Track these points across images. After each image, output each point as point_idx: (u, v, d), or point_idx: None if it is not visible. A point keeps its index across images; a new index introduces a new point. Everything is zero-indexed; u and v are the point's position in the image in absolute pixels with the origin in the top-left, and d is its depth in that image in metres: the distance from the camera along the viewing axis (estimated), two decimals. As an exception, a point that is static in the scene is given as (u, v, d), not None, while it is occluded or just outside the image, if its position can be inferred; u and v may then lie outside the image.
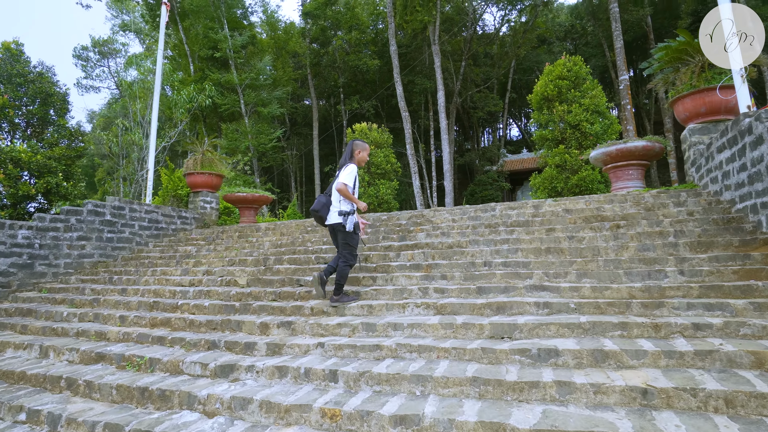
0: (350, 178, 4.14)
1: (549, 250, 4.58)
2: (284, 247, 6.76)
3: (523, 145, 43.63)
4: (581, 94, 10.96)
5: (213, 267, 6.42)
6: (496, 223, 5.81)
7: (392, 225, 6.79)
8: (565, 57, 11.55)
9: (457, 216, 6.54)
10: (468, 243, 5.26)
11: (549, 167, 11.13)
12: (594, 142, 10.66)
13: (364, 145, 4.47)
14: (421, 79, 28.01)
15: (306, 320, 3.90)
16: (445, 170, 20.39)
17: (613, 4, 19.01)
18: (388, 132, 14.10)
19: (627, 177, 6.89)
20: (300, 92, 32.21)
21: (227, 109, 22.79)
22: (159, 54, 9.45)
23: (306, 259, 5.83)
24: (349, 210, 4.09)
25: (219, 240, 8.27)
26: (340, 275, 4.07)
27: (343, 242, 4.11)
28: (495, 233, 5.49)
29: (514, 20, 32.34)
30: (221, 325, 4.22)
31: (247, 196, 10.04)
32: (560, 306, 3.37)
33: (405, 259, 5.20)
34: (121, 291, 6.00)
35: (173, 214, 9.56)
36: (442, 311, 3.68)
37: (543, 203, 6.33)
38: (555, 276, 3.98)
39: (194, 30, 24.18)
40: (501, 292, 3.87)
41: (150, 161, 9.29)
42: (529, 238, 5.01)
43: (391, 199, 13.34)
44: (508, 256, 4.70)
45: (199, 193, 10.40)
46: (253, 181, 21.73)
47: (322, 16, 26.01)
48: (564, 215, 5.72)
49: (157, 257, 7.70)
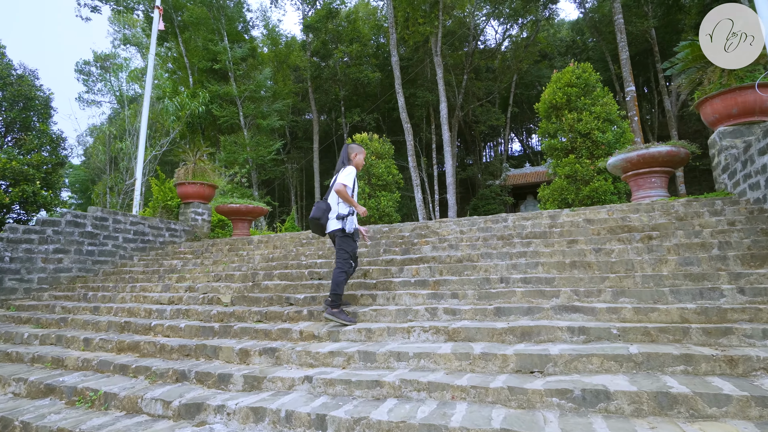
0: (349, 179, 3.83)
1: (574, 265, 3.99)
2: (276, 261, 6.18)
3: (525, 160, 43.33)
4: (591, 101, 10.49)
5: (197, 283, 5.83)
6: (509, 235, 5.23)
7: (394, 237, 6.22)
8: (574, 64, 11.12)
9: (466, 227, 5.97)
10: (480, 256, 4.67)
11: (558, 178, 10.59)
12: (606, 152, 10.14)
13: (359, 148, 4.16)
14: (423, 92, 27.77)
15: (293, 347, 3.30)
16: (448, 183, 19.88)
17: (617, 16, 18.78)
18: (389, 142, 13.62)
19: (649, 185, 6.33)
20: (301, 106, 32.00)
21: (226, 121, 22.44)
22: (150, 58, 9.04)
23: (298, 275, 5.24)
24: (347, 212, 3.78)
25: (207, 253, 7.69)
26: (335, 284, 3.65)
27: (338, 247, 3.77)
28: (509, 245, 4.90)
29: (515, 35, 32.31)
30: (195, 351, 3.62)
31: (240, 207, 9.49)
32: (599, 332, 2.77)
33: (409, 275, 4.61)
34: (94, 309, 5.40)
35: (161, 226, 9.00)
36: (454, 337, 3.08)
37: (560, 213, 5.77)
38: (586, 295, 3.39)
39: (194, 42, 24.03)
40: (524, 313, 3.27)
41: (138, 170, 8.78)
42: (549, 251, 4.42)
43: (392, 211, 12.79)
44: (528, 272, 4.11)
45: (190, 204, 9.85)
46: (252, 193, 21.22)
47: (323, 30, 25.88)
48: (585, 226, 5.15)
49: (139, 272, 7.11)
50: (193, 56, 25.00)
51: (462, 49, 29.61)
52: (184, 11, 24.30)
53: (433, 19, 20.83)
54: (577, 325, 2.85)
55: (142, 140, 8.86)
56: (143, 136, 8.87)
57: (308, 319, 3.96)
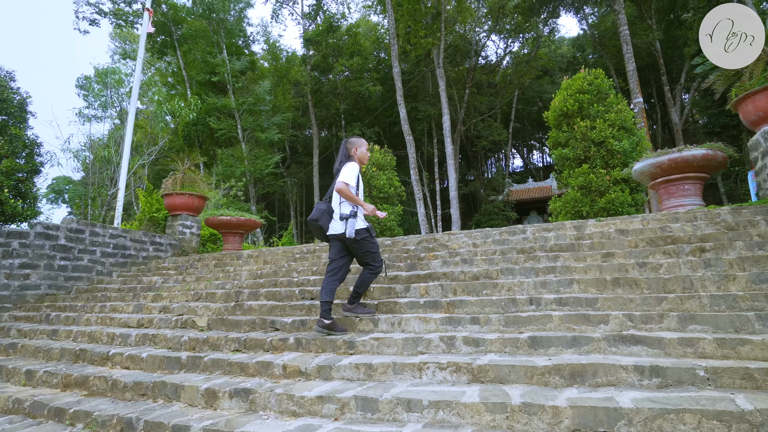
0: (352, 176, 3.40)
1: (617, 282, 3.29)
2: (264, 278, 5.47)
3: (528, 176, 42.87)
4: (605, 108, 9.91)
5: (173, 302, 5.12)
6: (531, 248, 4.54)
7: (398, 251, 5.53)
8: (585, 70, 10.59)
9: (479, 240, 5.29)
10: (499, 273, 3.97)
11: (571, 189, 9.94)
12: (622, 161, 9.53)
13: (360, 141, 3.69)
14: (425, 105, 27.42)
15: (273, 387, 2.59)
16: (452, 197, 19.26)
17: (623, 27, 18.46)
18: (391, 153, 13.05)
19: (682, 193, 5.67)
20: (301, 121, 31.65)
21: (224, 134, 21.97)
22: (139, 60, 8.52)
23: (288, 294, 4.53)
24: (349, 213, 3.34)
25: (192, 269, 6.99)
26: (362, 282, 3.46)
27: (364, 252, 3.41)
28: (533, 260, 4.21)
29: (516, 51, 32.18)
30: (153, 390, 2.90)
31: (231, 219, 8.82)
32: (679, 373, 2.06)
33: (417, 294, 3.91)
34: (52, 333, 4.68)
35: (145, 240, 8.32)
36: (481, 377, 2.37)
37: (585, 224, 5.09)
38: (644, 320, 2.69)
39: (192, 55, 23.76)
40: (568, 345, 2.57)
41: (121, 179, 8.15)
42: (582, 267, 3.73)
43: (395, 225, 12.12)
44: (561, 291, 3.41)
45: (178, 216, 9.19)
46: (249, 208, 20.58)
47: (324, 44, 25.65)
48: (619, 237, 4.46)
49: (115, 289, 6.40)
50: (192, 69, 24.72)
51: (463, 64, 29.40)
52: (183, 26, 24.12)
53: (435, 30, 20.54)
54: (646, 363, 2.14)
55: (126, 147, 8.25)
56: (128, 142, 8.27)
57: (295, 348, 3.24)
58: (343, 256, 3.44)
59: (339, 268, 3.41)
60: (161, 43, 26.39)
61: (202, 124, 22.23)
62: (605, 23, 27.49)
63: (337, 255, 3.44)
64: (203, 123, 22.06)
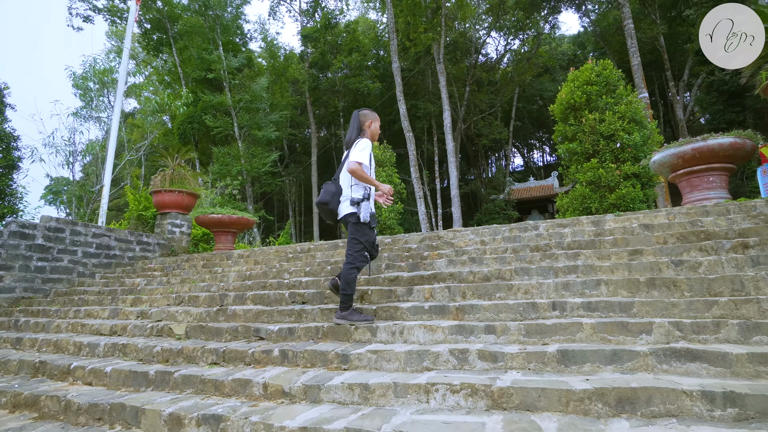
0: (365, 154, 3.13)
1: (652, 284, 2.84)
2: (253, 280, 5.03)
3: (528, 174, 42.51)
4: (614, 100, 9.47)
5: (153, 306, 4.68)
6: (546, 246, 4.09)
7: (399, 250, 5.08)
8: (592, 61, 10.15)
9: (487, 237, 4.84)
10: (513, 273, 3.53)
11: (579, 185, 9.49)
12: (633, 155, 9.09)
13: (374, 115, 3.42)
14: (425, 103, 26.98)
15: (250, 411, 2.14)
16: (453, 195, 18.82)
17: (627, 21, 18.03)
18: (391, 149, 12.60)
19: (707, 185, 5.22)
20: (300, 119, 31.21)
21: (220, 132, 21.51)
22: (125, 51, 8.09)
23: (277, 297, 4.08)
24: (362, 196, 3.13)
25: (178, 270, 6.54)
26: (345, 282, 3.07)
27: (351, 237, 3.14)
28: (550, 258, 3.76)
29: (516, 49, 31.77)
30: (110, 414, 2.45)
31: (222, 218, 8.37)
32: (762, 402, 1.61)
33: (420, 298, 3.46)
34: (16, 342, 4.23)
35: (131, 239, 7.87)
36: (503, 403, 1.92)
37: (603, 219, 4.65)
38: (696, 329, 2.24)
39: (188, 52, 23.31)
40: (606, 360, 2.12)
41: (106, 175, 7.70)
42: (608, 266, 3.28)
43: (395, 224, 11.67)
44: (587, 293, 2.96)
45: (167, 214, 8.74)
46: (245, 207, 20.12)
47: (322, 40, 25.20)
48: (644, 233, 4.02)
49: (95, 292, 5.96)
50: (188, 66, 24.28)
51: (464, 61, 28.96)
52: (179, 22, 23.68)
53: (436, 25, 20.10)
54: (716, 388, 1.69)
55: (112, 141, 7.80)
56: (113, 136, 7.82)
57: (280, 362, 2.79)
58: None
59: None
60: (157, 40, 25.96)
61: (197, 122, 21.79)
62: (608, 19, 27.06)
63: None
64: (199, 121, 21.61)
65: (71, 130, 8.76)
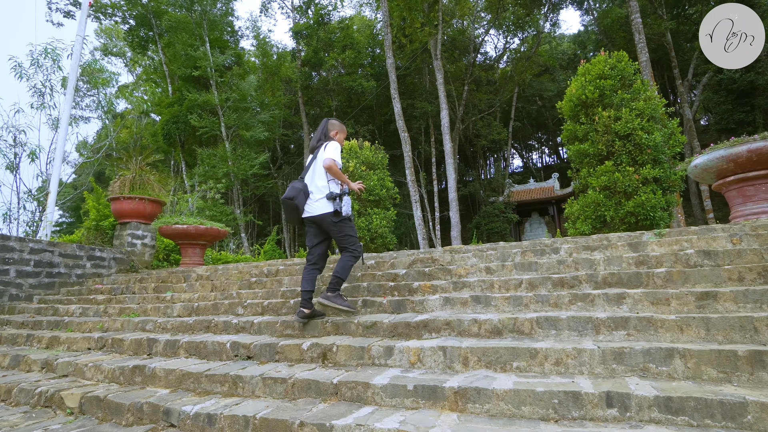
0: (337, 154, 3.26)
1: (760, 362, 1.84)
2: (198, 315, 4.00)
3: (528, 176, 41.63)
4: (631, 96, 8.49)
5: (69, 351, 3.66)
6: (574, 279, 3.08)
7: (383, 276, 4.05)
8: (606, 53, 9.17)
9: (494, 262, 3.82)
10: (535, 325, 2.51)
11: (592, 190, 8.49)
12: (653, 156, 8.11)
13: (342, 127, 3.52)
14: (421, 102, 25.98)
15: None
16: (451, 199, 17.82)
17: (634, 16, 17.10)
18: (383, 151, 11.57)
19: (763, 196, 4.23)
20: (293, 119, 30.19)
21: (206, 132, 20.45)
22: (78, 33, 7.07)
23: (216, 349, 3.05)
24: (342, 190, 3.18)
25: (126, 294, 5.51)
26: (342, 267, 3.13)
27: (342, 235, 3.16)
28: (584, 301, 2.74)
29: (515, 48, 30.84)
30: None
31: (188, 228, 7.33)
32: None
33: (404, 362, 2.44)
34: None
35: (80, 255, 6.83)
36: None
37: (641, 240, 3.64)
38: None
39: (173, 49, 22.26)
40: None
41: (53, 181, 6.67)
42: (673, 319, 2.26)
43: (387, 232, 10.63)
44: (656, 373, 1.95)
45: (127, 224, 7.71)
46: (233, 211, 19.07)
47: (315, 37, 24.19)
48: (705, 262, 3.01)
49: (18, 323, 4.94)
50: (174, 64, 23.24)
51: (462, 60, 27.99)
52: (165, 17, 22.64)
53: (433, 19, 19.11)
54: None
55: (61, 140, 6.77)
56: (62, 135, 6.78)
57: None
58: (320, 241, 3.29)
59: (318, 257, 3.27)
60: (142, 37, 24.93)
61: (182, 121, 20.73)
62: (611, 15, 26.13)
63: (314, 241, 3.28)
64: (184, 120, 20.56)
65: (12, 130, 7.70)
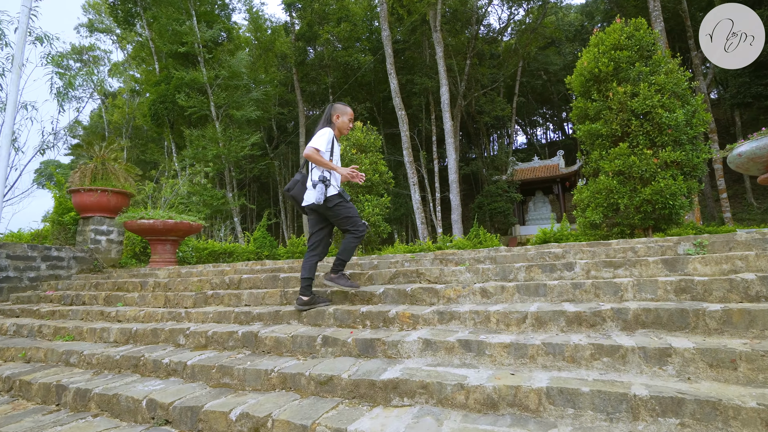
0: (322, 141, 3.16)
1: None
2: (136, 342, 3.31)
3: (532, 153, 40.52)
4: (650, 69, 7.58)
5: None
6: (595, 313, 2.33)
7: (356, 296, 3.33)
8: (621, 20, 8.20)
9: (492, 282, 3.08)
10: (545, 398, 1.78)
11: (604, 175, 7.67)
12: (674, 137, 7.26)
13: (345, 109, 3.43)
14: (421, 78, 24.80)
15: None
16: (451, 180, 16.98)
17: (650, -20, 15.80)
18: (376, 132, 10.70)
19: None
20: (289, 97, 29.08)
21: (195, 112, 19.52)
22: (23, 4, 6.21)
23: (129, 407, 2.36)
24: (319, 178, 3.10)
25: (74, 305, 4.85)
26: (345, 248, 3.19)
27: (341, 218, 3.16)
28: (610, 356, 2.00)
29: (520, 19, 29.28)
30: None
31: (154, 224, 6.61)
32: None
33: (358, 456, 1.73)
34: None
35: (33, 255, 6.14)
36: None
37: (678, 255, 2.88)
38: None
39: (159, 23, 21.10)
40: None
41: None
42: (751, 408, 1.53)
43: (380, 220, 9.90)
44: None
45: (89, 219, 7.01)
46: (223, 195, 18.33)
47: (308, 9, 22.89)
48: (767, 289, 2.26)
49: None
50: (161, 40, 22.11)
51: (464, 32, 26.60)
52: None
53: (432, -13, 17.85)
54: None
55: (7, 125, 6.00)
56: (9, 118, 6.01)
57: None
58: (321, 228, 3.29)
59: (318, 242, 3.27)
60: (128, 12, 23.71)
61: (170, 101, 19.78)
62: (622, -19, 24.57)
63: (315, 227, 3.29)
64: (172, 100, 19.60)
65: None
